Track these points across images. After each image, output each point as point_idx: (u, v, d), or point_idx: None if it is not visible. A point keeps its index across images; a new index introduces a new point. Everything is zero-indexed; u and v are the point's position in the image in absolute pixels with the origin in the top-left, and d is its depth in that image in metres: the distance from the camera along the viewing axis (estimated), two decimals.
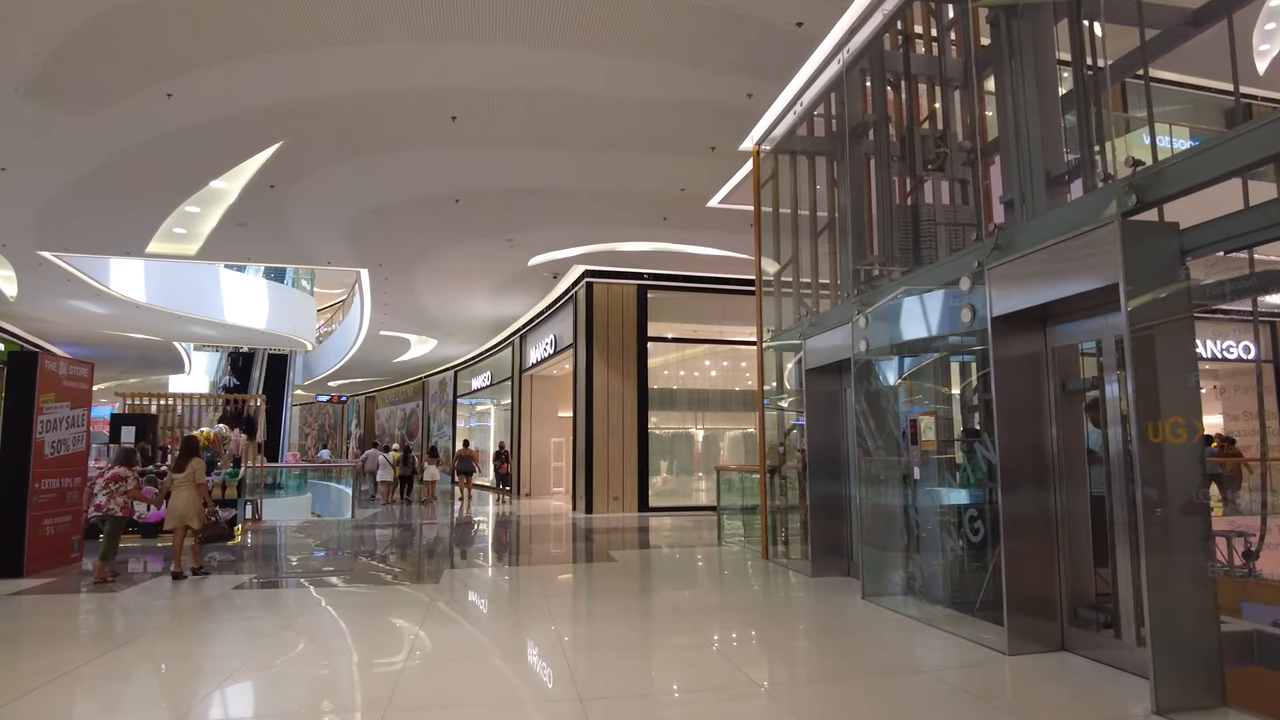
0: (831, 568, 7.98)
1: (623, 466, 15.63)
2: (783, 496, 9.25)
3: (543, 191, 11.20)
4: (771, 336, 9.35)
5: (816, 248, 9.26)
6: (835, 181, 9.29)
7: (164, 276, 19.39)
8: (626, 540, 11.71)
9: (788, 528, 9.26)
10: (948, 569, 5.82)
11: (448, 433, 32.26)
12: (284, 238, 13.52)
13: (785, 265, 9.62)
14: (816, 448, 8.04)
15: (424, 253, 14.50)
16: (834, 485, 8.05)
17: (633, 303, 16.14)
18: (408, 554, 10.67)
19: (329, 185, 10.92)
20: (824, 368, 7.99)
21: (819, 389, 8.12)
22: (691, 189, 11.12)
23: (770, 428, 9.54)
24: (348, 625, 6.24)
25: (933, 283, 5.97)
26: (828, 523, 8.03)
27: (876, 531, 6.70)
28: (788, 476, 9.13)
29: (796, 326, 8.61)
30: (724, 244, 14.00)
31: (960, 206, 7.26)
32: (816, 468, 8.02)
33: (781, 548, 9.26)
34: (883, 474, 6.68)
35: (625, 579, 8.12)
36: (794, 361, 9.35)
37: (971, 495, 5.46)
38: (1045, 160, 5.62)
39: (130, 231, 13.16)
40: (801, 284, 9.32)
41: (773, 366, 9.64)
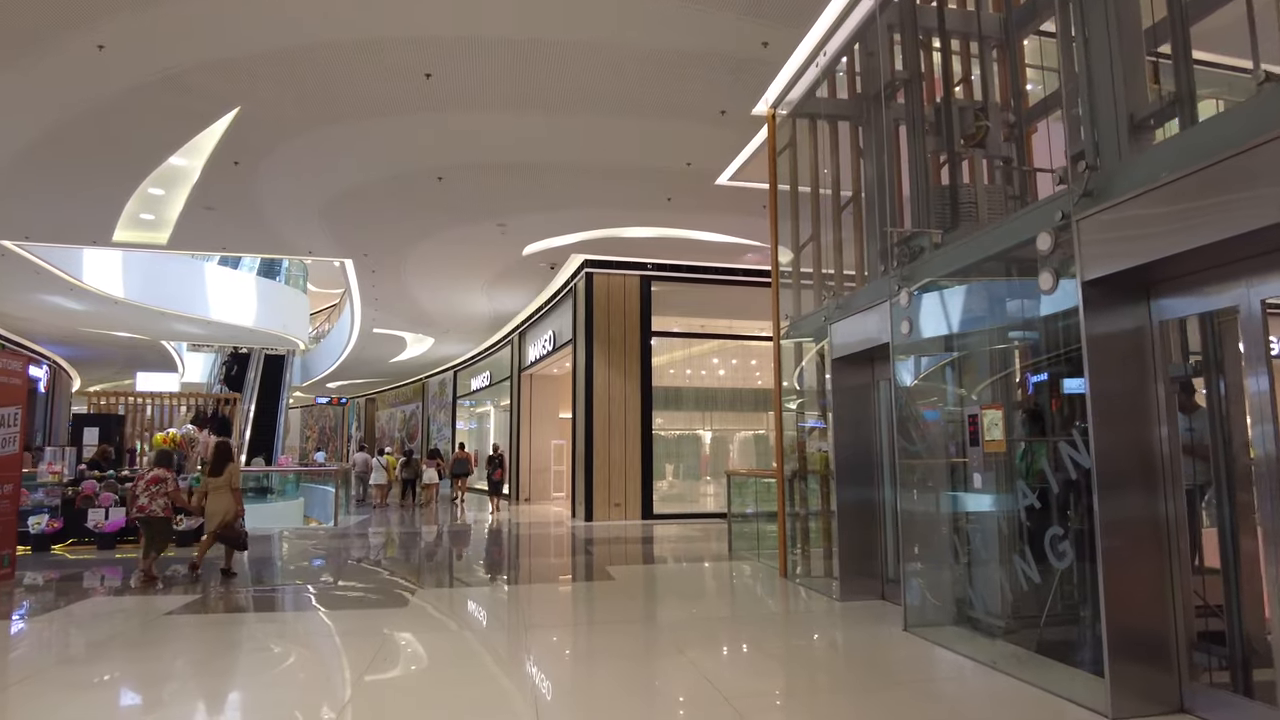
0: (862, 589, 6.86)
1: (625, 470, 14.54)
2: (803, 505, 8.14)
3: (533, 167, 10.13)
4: (790, 325, 8.24)
5: (840, 225, 8.17)
6: (861, 150, 8.22)
7: (144, 271, 18.42)
8: (627, 553, 10.61)
9: (809, 541, 8.15)
10: (1019, 598, 4.70)
11: (447, 435, 31.26)
12: (257, 224, 12.48)
13: (805, 244, 8.52)
14: (844, 450, 6.93)
15: (410, 241, 13.45)
16: (865, 493, 6.94)
17: (635, 295, 15.06)
18: (381, 569, 9.60)
19: (296, 160, 9.88)
20: (853, 357, 6.88)
21: (847, 382, 7.02)
22: (699, 163, 10.04)
23: (788, 428, 8.42)
24: (274, 672, 5.16)
25: (996, 246, 4.86)
26: (857, 537, 6.91)
27: (922, 550, 5.59)
28: (809, 483, 8.02)
29: (820, 310, 7.51)
30: (734, 229, 12.90)
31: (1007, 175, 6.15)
32: (844, 473, 6.91)
33: (801, 563, 8.14)
34: (930, 481, 5.57)
35: (623, 603, 7.02)
36: (808, 358, 8.24)
37: (1053, 508, 4.34)
38: (1128, 102, 4.52)
39: (92, 217, 12.15)
40: (823, 271, 8.22)
41: (791, 361, 8.53)
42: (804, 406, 8.20)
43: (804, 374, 8.30)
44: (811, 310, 7.85)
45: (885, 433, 6.99)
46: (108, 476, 11.50)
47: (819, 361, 7.94)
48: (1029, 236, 4.42)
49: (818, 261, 8.34)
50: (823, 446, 7.91)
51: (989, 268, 5.23)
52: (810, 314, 7.79)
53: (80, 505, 11.06)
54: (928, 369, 5.66)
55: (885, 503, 6.91)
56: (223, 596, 7.66)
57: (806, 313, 7.97)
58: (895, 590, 6.70)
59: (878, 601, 6.77)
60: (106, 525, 11.01)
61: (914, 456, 5.70)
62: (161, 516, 8.20)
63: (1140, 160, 3.91)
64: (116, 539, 11.10)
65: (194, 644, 5.71)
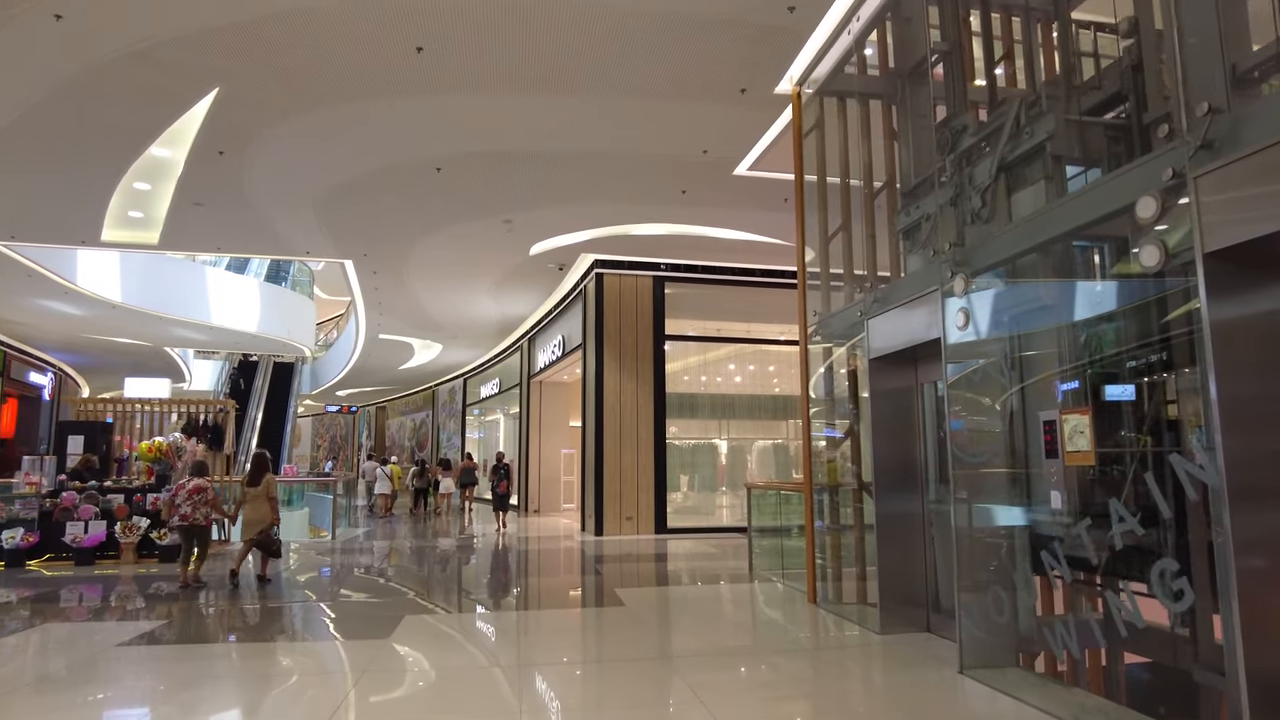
0: (904, 620, 6.05)
1: (637, 481, 13.76)
2: (834, 522, 7.33)
3: (537, 156, 9.42)
4: (818, 323, 7.45)
5: (872, 215, 7.39)
6: (895, 133, 7.46)
7: (142, 274, 17.89)
8: (640, 573, 9.82)
9: (839, 560, 7.33)
10: (1110, 639, 3.89)
11: (457, 443, 30.60)
12: (249, 221, 11.85)
13: (834, 234, 7.73)
14: (884, 461, 6.13)
15: (411, 240, 12.78)
16: (907, 510, 6.14)
17: (648, 297, 14.31)
18: (368, 591, 8.85)
19: (284, 149, 9.22)
20: (893, 357, 6.09)
21: (886, 385, 6.22)
22: (716, 150, 9.29)
23: (817, 436, 7.63)
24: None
25: (1074, 219, 4.07)
26: (899, 560, 6.10)
27: (982, 577, 4.78)
28: (840, 497, 7.21)
29: (854, 305, 6.72)
30: (754, 225, 12.13)
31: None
32: (884, 487, 6.11)
33: (832, 587, 7.33)
34: (994, 497, 4.77)
35: (633, 634, 6.22)
36: (837, 355, 7.45)
37: (1164, 534, 3.53)
38: (1228, 53, 3.73)
39: (77, 213, 11.55)
40: (855, 272, 7.43)
41: (820, 364, 7.74)
42: (833, 414, 7.40)
43: (834, 378, 7.49)
44: (843, 306, 7.06)
45: (930, 441, 6.20)
46: (89, 488, 10.85)
47: (851, 363, 7.15)
48: (1123, 204, 3.63)
49: (848, 255, 7.56)
50: (841, 458, 7.11)
51: (1063, 247, 4.45)
52: (842, 310, 7.00)
53: (59, 518, 10.41)
54: (988, 367, 4.86)
55: (931, 521, 6.11)
56: (193, 622, 6.94)
57: (838, 309, 7.18)
58: (944, 623, 5.89)
59: (923, 635, 5.95)
60: (85, 540, 10.35)
61: (971, 468, 4.89)
62: (203, 525, 8.62)
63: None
64: (95, 554, 10.43)
65: (126, 685, 4.97)
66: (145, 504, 10.88)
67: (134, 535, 10.47)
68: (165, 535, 10.56)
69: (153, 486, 11.11)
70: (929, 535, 6.10)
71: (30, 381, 25.07)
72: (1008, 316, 4.84)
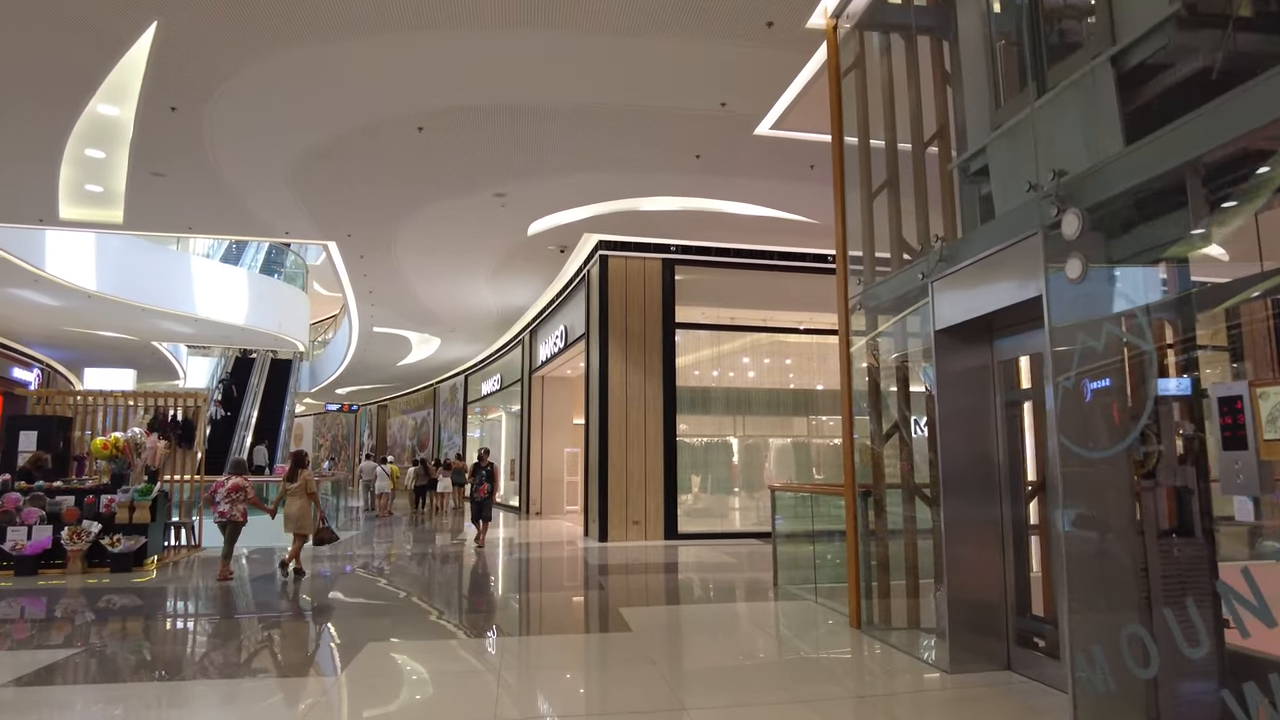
0: (978, 654, 4.86)
1: (645, 483, 12.59)
2: (882, 531, 6.14)
3: (532, 113, 8.27)
4: (863, 293, 6.26)
5: (923, 168, 6.23)
6: (948, 74, 6.30)
7: (118, 261, 16.85)
8: (648, 588, 8.64)
9: (888, 576, 6.15)
10: None
11: (459, 443, 29.51)
12: (217, 195, 10.73)
13: (879, 190, 6.55)
14: (953, 457, 4.95)
15: (395, 216, 11.64)
16: (982, 518, 4.96)
17: (657, 281, 13.13)
18: (335, 608, 7.71)
19: (243, 105, 8.09)
20: (966, 328, 4.92)
21: (957, 364, 5.04)
22: (736, 104, 8.12)
23: (861, 429, 6.44)
24: None
25: (1239, 125, 2.90)
26: (972, 580, 4.92)
27: (1113, 615, 3.59)
28: (891, 502, 6.03)
29: (912, 266, 5.53)
30: (775, 198, 10.95)
31: None
32: (953, 489, 4.93)
33: (878, 609, 6.14)
34: (1127, 505, 3.59)
35: (641, 674, 5.02)
36: (885, 326, 6.26)
37: None
38: None
39: (27, 184, 10.47)
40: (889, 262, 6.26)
41: (863, 344, 6.54)
42: (884, 401, 6.21)
43: (881, 354, 6.30)
44: (896, 270, 5.87)
45: (1003, 433, 5.01)
46: (35, 489, 9.74)
47: (903, 339, 5.96)
48: None
49: (894, 215, 6.38)
50: (898, 456, 5.93)
51: (1221, 164, 3.26)
52: (895, 274, 5.81)
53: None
54: (1113, 331, 3.66)
55: (1010, 531, 4.92)
56: (109, 651, 5.80)
57: (888, 275, 5.98)
58: (1028, 659, 4.71)
59: (1003, 673, 4.76)
60: (28, 547, 9.24)
61: (1090, 465, 3.71)
62: (239, 521, 8.91)
63: None
64: (39, 562, 9.32)
65: None
66: (99, 506, 9.77)
67: (83, 542, 9.35)
68: (118, 542, 9.44)
69: (107, 487, 10.00)
70: (1008, 550, 4.92)
71: (14, 378, 24.06)
72: (1143, 262, 3.66)
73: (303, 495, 9.08)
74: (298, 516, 9.00)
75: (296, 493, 9.09)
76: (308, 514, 9.06)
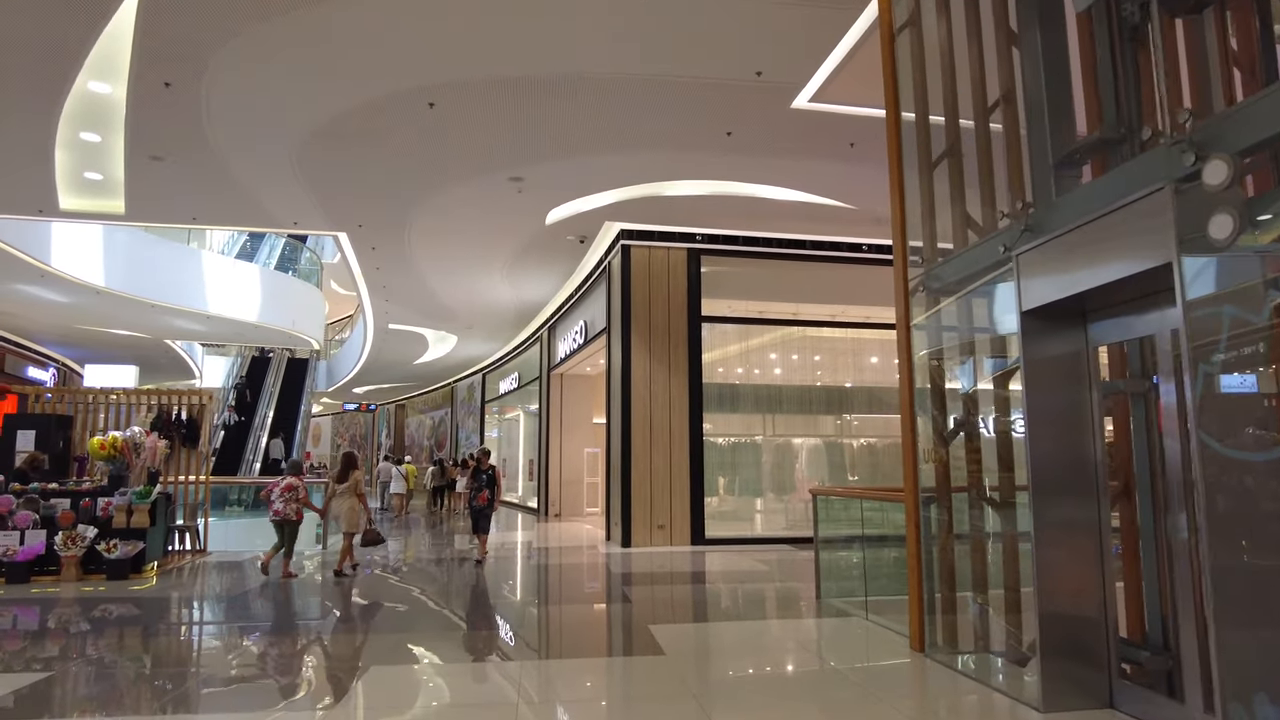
0: (1075, 686, 4.15)
1: (670, 485, 11.92)
2: (947, 542, 5.43)
3: (548, 85, 7.62)
4: (926, 274, 5.55)
5: (988, 137, 5.53)
6: (1014, 34, 5.59)
7: (127, 256, 16.43)
8: (678, 600, 7.97)
9: (952, 591, 5.44)
10: None
11: (476, 442, 29.00)
12: (221, 183, 10.19)
13: (939, 161, 5.85)
14: (1044, 457, 4.24)
15: (408, 205, 11.05)
16: (1079, 530, 4.24)
17: (681, 273, 12.46)
18: (338, 620, 7.11)
19: (242, 78, 7.52)
20: (1058, 307, 4.21)
21: (1047, 350, 4.33)
22: (773, 72, 7.43)
23: (918, 427, 5.73)
24: None
25: None
26: (1066, 601, 4.20)
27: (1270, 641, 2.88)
28: (958, 508, 5.32)
29: (992, 238, 4.82)
30: (810, 181, 10.25)
31: None
32: (1046, 494, 4.22)
33: (943, 628, 5.44)
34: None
35: (678, 714, 4.35)
36: (945, 303, 5.56)
37: None
38: None
39: (21, 173, 9.98)
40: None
41: (922, 331, 5.82)
42: (953, 394, 5.50)
43: (946, 339, 5.59)
44: (972, 244, 5.15)
45: (1098, 430, 4.30)
46: (29, 491, 9.24)
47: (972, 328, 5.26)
48: None
49: (956, 188, 5.68)
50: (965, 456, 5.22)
51: None
52: (969, 249, 5.09)
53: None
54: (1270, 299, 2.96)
55: (1105, 540, 4.21)
56: (91, 674, 5.22)
57: (958, 251, 5.27)
58: (1134, 696, 4.00)
59: (1105, 712, 4.05)
60: (19, 553, 8.73)
61: (1244, 468, 3.00)
62: (294, 520, 9.10)
63: None
64: (31, 569, 8.81)
65: None
66: (95, 510, 9.25)
67: (77, 548, 8.84)
68: (114, 548, 8.92)
69: (104, 489, 9.49)
70: (1107, 563, 4.20)
71: (29, 377, 23.80)
72: None
73: (352, 495, 9.28)
74: (347, 515, 9.21)
75: (346, 493, 9.30)
76: (356, 513, 9.23)
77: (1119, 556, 4.30)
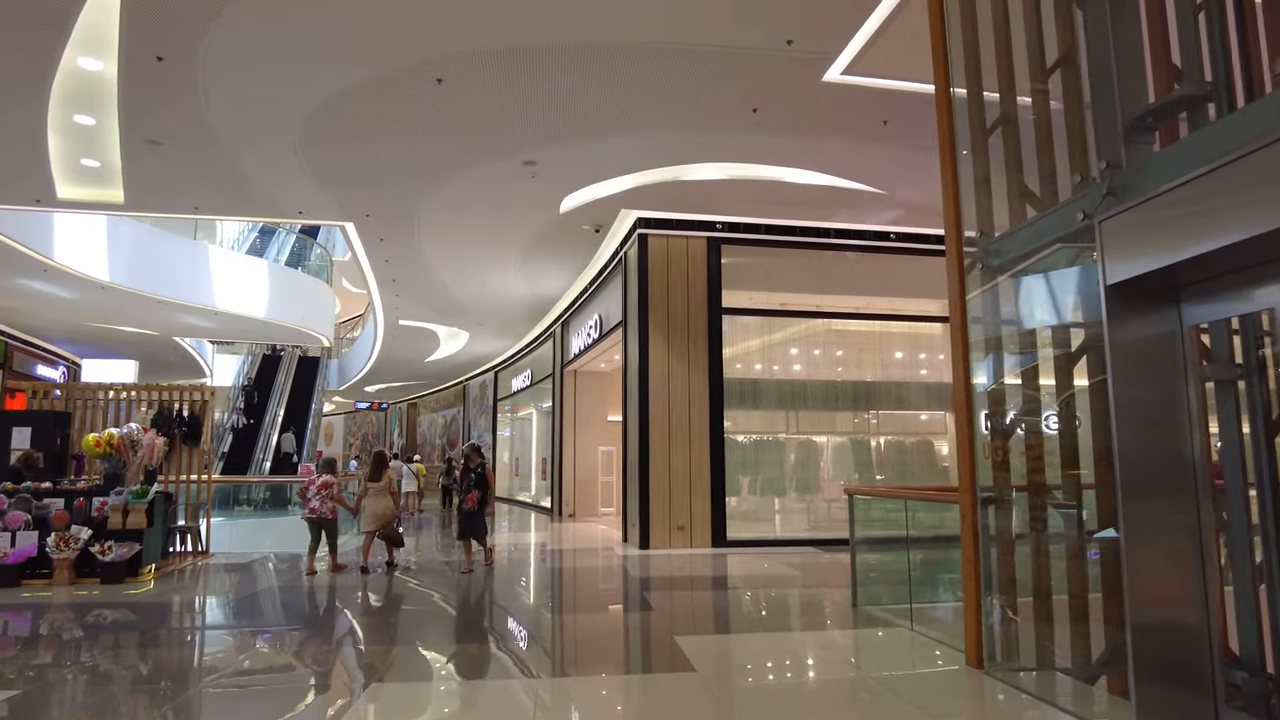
0: (1172, 715, 3.61)
1: (690, 484, 11.41)
2: (1008, 547, 4.90)
3: (562, 55, 7.13)
4: (984, 248, 5.02)
5: (1046, 101, 5.01)
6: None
7: (131, 250, 16.07)
8: (703, 607, 7.46)
9: (1014, 597, 4.91)
10: None
11: (488, 440, 28.60)
12: (222, 170, 9.76)
13: (994, 128, 5.31)
14: (1133, 450, 3.70)
15: (416, 194, 10.59)
16: (1177, 527, 3.70)
17: (701, 263, 11.94)
18: (343, 632, 6.65)
19: (239, 51, 7.06)
20: (1149, 281, 3.67)
21: (1136, 330, 3.79)
22: (805, 41, 6.91)
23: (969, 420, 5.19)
24: None
25: None
26: (1161, 616, 3.67)
27: None
28: (1020, 509, 4.79)
29: (1070, 202, 4.28)
30: (839, 164, 9.72)
31: None
32: (1137, 493, 3.68)
33: (1001, 641, 4.90)
34: None
35: None
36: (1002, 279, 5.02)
37: None
38: None
39: (14, 158, 9.59)
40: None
41: (979, 312, 5.28)
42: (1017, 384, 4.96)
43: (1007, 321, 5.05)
44: (1041, 213, 4.60)
45: (1195, 422, 3.76)
46: (22, 490, 8.84)
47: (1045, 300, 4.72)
48: None
49: (1013, 157, 5.14)
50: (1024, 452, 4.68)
51: None
52: (1042, 217, 4.55)
53: None
54: None
55: (1210, 546, 3.67)
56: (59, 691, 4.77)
57: (1024, 221, 4.73)
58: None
59: None
60: (10, 555, 8.32)
61: None
62: (330, 518, 9.23)
63: None
64: (22, 572, 8.40)
65: None
66: (90, 510, 8.84)
67: (70, 550, 8.42)
68: (109, 550, 8.50)
69: (99, 489, 9.08)
70: (1211, 571, 3.66)
71: (38, 375, 23.55)
72: None
73: (385, 493, 9.40)
74: (380, 514, 9.30)
75: (380, 491, 9.38)
76: (389, 511, 9.36)
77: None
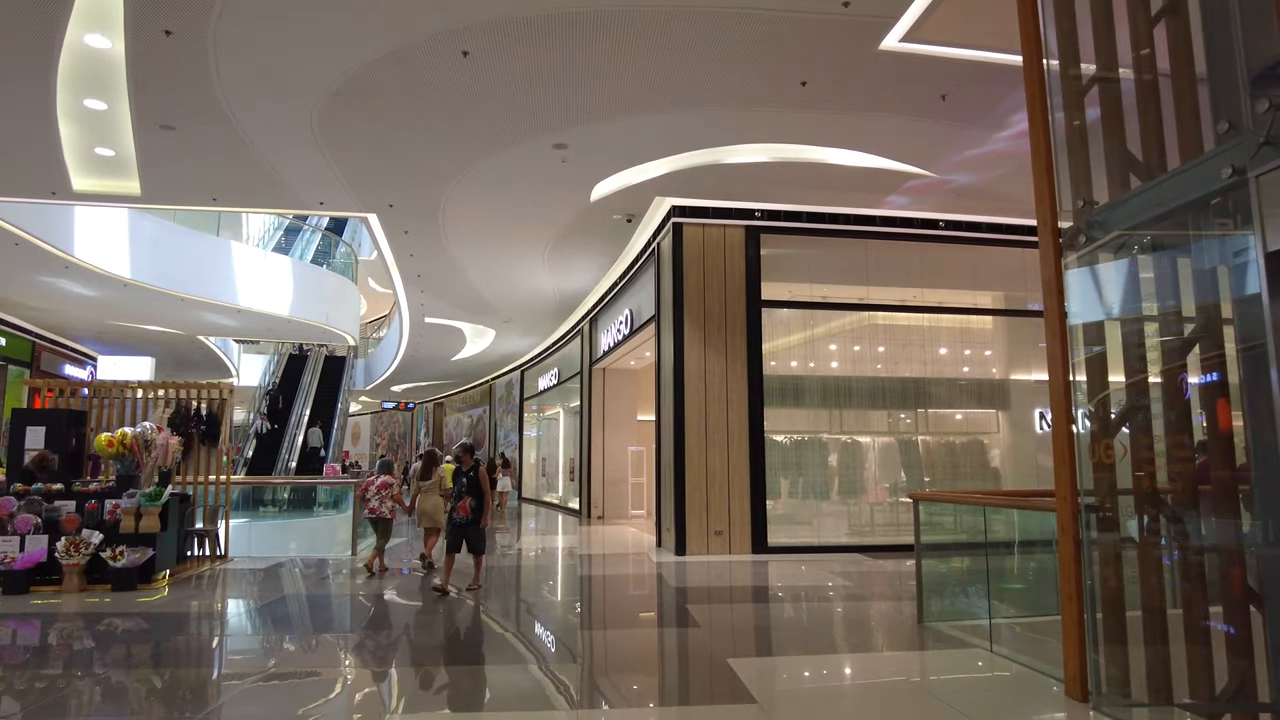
0: None
1: (728, 487, 10.80)
2: (1116, 562, 4.24)
3: (596, 21, 6.55)
4: (1090, 218, 4.36)
5: (1153, 55, 4.36)
6: None
7: (154, 247, 15.81)
8: (751, 622, 6.83)
9: (1121, 623, 4.25)
10: None
11: (514, 440, 28.17)
12: (238, 156, 9.33)
13: (1089, 86, 4.65)
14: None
15: (441, 181, 10.08)
16: None
17: (739, 253, 11.31)
18: (345, 648, 6.13)
19: (252, 23, 6.58)
20: None
21: None
22: (862, 2, 6.27)
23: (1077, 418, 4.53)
24: None
25: None
26: None
27: None
28: (1141, 519, 4.12)
29: (1214, 154, 3.61)
30: (890, 144, 9.06)
31: None
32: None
33: (1107, 668, 4.24)
34: None
35: None
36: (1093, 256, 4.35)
37: None
38: None
39: (26, 147, 9.24)
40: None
41: (1082, 287, 4.61)
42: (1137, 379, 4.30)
43: (1115, 300, 4.38)
44: (1173, 170, 3.93)
45: None
46: (33, 492, 8.46)
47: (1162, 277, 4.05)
48: None
49: (1114, 117, 4.48)
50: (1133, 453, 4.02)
51: None
52: (1173, 174, 3.88)
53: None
54: None
55: None
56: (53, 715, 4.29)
57: (1159, 177, 4.06)
58: None
59: None
60: (19, 560, 7.94)
61: None
62: (387, 517, 9.54)
63: None
64: (31, 578, 8.01)
65: None
66: (101, 513, 8.45)
67: (80, 555, 8.02)
68: (120, 555, 8.08)
69: (112, 491, 8.68)
70: None
71: (66, 375, 23.51)
72: None
73: (436, 492, 9.49)
74: (432, 512, 9.46)
75: (431, 489, 9.52)
76: (440, 509, 9.39)
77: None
